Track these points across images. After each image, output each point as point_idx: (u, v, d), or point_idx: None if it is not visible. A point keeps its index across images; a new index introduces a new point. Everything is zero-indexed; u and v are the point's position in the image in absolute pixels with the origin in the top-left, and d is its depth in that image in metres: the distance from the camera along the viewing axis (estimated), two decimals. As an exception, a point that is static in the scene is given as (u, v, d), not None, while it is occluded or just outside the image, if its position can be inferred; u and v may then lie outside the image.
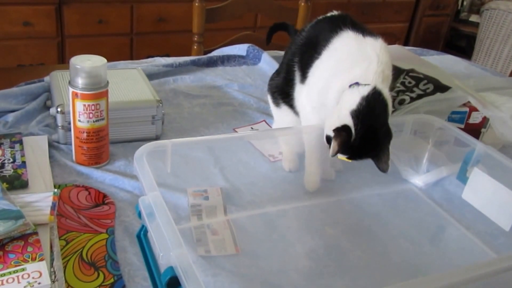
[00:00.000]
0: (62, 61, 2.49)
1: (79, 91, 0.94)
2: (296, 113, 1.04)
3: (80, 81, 0.94)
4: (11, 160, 0.97)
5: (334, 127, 0.82)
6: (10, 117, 1.13)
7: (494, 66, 3.26)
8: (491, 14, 3.22)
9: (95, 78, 0.95)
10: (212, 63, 1.57)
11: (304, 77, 0.97)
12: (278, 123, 1.12)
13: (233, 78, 1.48)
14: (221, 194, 0.96)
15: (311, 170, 1.01)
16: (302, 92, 0.98)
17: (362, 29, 0.92)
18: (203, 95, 1.36)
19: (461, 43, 3.82)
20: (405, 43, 3.60)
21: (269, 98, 1.11)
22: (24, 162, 0.97)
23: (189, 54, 1.90)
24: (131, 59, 2.59)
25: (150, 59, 1.54)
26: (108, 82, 0.97)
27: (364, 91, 0.83)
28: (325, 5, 3.05)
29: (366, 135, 0.82)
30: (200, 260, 0.80)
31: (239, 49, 1.66)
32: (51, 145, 1.05)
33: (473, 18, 3.72)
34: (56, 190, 0.89)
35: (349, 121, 0.82)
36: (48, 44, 2.46)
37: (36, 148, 1.03)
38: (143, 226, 0.82)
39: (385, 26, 3.42)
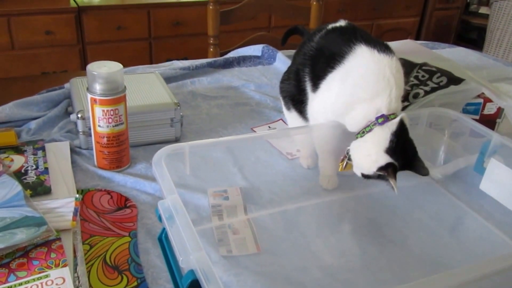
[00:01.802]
0: (85, 66, 2.54)
1: (97, 97, 0.97)
2: (305, 118, 1.04)
3: (97, 87, 0.96)
4: (34, 166, 0.99)
5: (376, 168, 0.87)
6: (33, 124, 1.16)
7: (506, 56, 3.24)
8: (500, 5, 3.20)
9: (112, 84, 0.97)
10: (228, 64, 1.59)
11: (316, 87, 0.96)
12: (291, 126, 1.13)
13: (249, 78, 1.50)
14: (241, 194, 0.98)
15: (326, 169, 1.02)
16: (313, 102, 0.98)
17: (375, 43, 0.91)
18: (220, 96, 1.38)
19: (472, 35, 3.81)
20: (417, 37, 3.59)
21: (281, 101, 1.12)
22: (46, 169, 0.99)
23: (206, 56, 1.92)
24: (151, 62, 2.63)
25: (167, 63, 1.56)
26: (125, 87, 0.99)
27: (393, 126, 0.87)
28: (337, 3, 3.06)
29: (405, 162, 0.88)
30: (222, 260, 0.82)
31: (254, 49, 1.67)
32: (73, 151, 1.08)
33: (483, 10, 3.72)
34: (78, 195, 0.91)
35: (388, 159, 0.87)
36: (69, 51, 2.52)
37: (58, 154, 1.05)
38: (164, 228, 0.83)
39: (397, 21, 3.41)
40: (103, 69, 0.96)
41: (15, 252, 0.77)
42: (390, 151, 0.87)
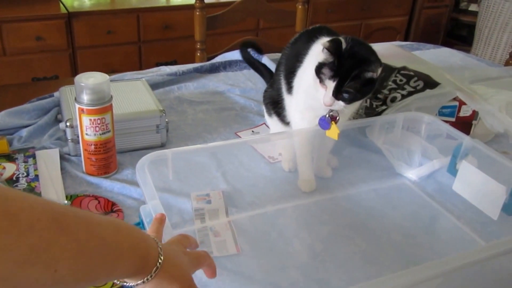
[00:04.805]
0: (75, 71, 2.57)
1: (84, 107, 1.00)
2: (284, 122, 1.11)
3: (85, 98, 1.00)
4: (25, 174, 1.03)
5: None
6: (24, 132, 1.20)
7: (494, 54, 3.27)
8: (488, 3, 3.23)
9: (99, 94, 1.00)
10: (214, 69, 1.62)
11: (289, 86, 1.04)
12: (272, 131, 1.19)
13: (235, 83, 1.54)
14: (223, 197, 1.02)
15: (304, 172, 1.07)
16: (291, 103, 1.06)
17: (338, 35, 0.99)
18: (206, 101, 1.42)
19: (462, 33, 3.84)
20: (406, 36, 3.61)
21: (264, 108, 1.19)
22: (37, 176, 1.03)
23: (195, 59, 1.96)
24: (140, 66, 2.65)
25: (155, 69, 1.59)
26: (112, 96, 1.03)
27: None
28: (325, 3, 3.09)
29: None
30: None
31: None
32: (62, 157, 1.12)
33: (473, 7, 3.74)
34: (66, 201, 0.95)
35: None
36: (60, 56, 2.54)
37: (48, 161, 1.09)
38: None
39: (385, 20, 3.44)
40: (90, 80, 1.00)
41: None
42: None
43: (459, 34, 3.85)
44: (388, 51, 1.49)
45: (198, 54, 1.92)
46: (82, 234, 0.49)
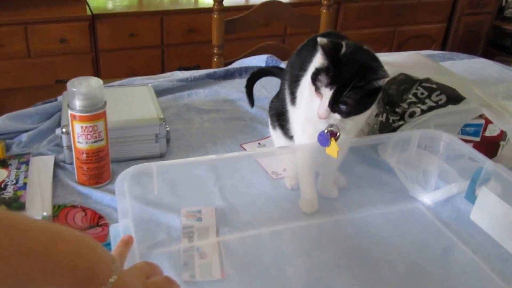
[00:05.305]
0: (98, 75, 2.55)
1: (76, 113, 0.96)
2: (287, 136, 1.03)
3: (77, 104, 0.95)
4: (14, 181, 0.99)
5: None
6: (24, 136, 1.16)
7: (540, 66, 3.07)
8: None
9: (91, 100, 0.96)
10: (229, 75, 1.55)
11: (293, 97, 0.96)
12: (276, 145, 1.11)
13: (249, 91, 1.46)
14: (215, 215, 0.95)
15: (306, 191, 0.99)
16: (295, 114, 0.98)
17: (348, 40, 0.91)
18: (215, 110, 1.35)
19: (505, 42, 3.63)
20: (443, 45, 3.43)
21: (269, 121, 1.12)
22: (25, 184, 0.99)
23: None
24: (162, 70, 2.60)
25: (168, 74, 1.54)
26: (105, 102, 0.98)
27: None
28: (357, 8, 2.98)
29: None
30: (184, 286, 0.79)
31: (258, 60, 1.63)
32: (57, 165, 1.07)
33: (519, 15, 3.54)
34: (44, 214, 0.90)
35: None
36: (83, 59, 2.53)
37: (42, 168, 1.05)
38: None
39: (421, 27, 3.27)
40: (82, 85, 0.95)
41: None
42: None
43: (502, 43, 3.65)
44: (411, 60, 1.38)
45: (215, 59, 1.85)
46: (4, 242, 0.46)
